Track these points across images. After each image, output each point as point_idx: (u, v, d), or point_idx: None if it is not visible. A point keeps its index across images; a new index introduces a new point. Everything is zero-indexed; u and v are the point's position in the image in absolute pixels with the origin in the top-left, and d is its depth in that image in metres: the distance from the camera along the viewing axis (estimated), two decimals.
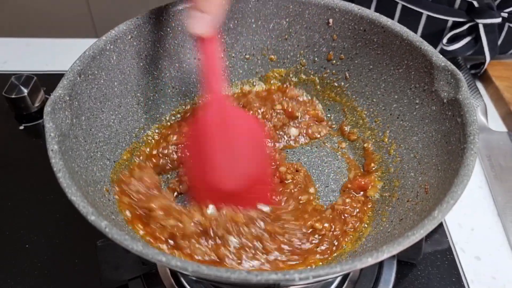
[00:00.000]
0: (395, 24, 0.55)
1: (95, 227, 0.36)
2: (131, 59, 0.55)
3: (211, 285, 0.54)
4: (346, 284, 0.56)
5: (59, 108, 0.44)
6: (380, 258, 0.35)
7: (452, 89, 0.49)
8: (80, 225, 0.60)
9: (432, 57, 0.51)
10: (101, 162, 0.50)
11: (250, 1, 0.60)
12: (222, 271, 0.33)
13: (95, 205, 0.40)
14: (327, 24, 0.60)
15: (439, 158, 0.49)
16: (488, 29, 0.80)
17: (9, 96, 0.74)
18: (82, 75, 0.48)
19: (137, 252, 0.35)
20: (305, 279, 0.33)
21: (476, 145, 0.43)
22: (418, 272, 0.59)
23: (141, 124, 0.59)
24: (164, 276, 0.55)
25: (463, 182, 0.40)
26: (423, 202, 0.47)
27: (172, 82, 0.61)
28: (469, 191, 0.69)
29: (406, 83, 0.56)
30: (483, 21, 0.79)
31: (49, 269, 0.58)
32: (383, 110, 0.59)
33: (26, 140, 0.75)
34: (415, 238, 0.36)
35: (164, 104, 0.62)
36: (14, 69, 0.86)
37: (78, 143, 0.46)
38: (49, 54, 0.91)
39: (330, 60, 0.62)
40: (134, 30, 0.54)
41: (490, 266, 0.60)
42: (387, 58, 0.57)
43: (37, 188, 0.67)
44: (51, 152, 0.40)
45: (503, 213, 0.66)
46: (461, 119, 0.46)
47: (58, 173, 0.39)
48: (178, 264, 0.34)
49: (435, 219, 0.38)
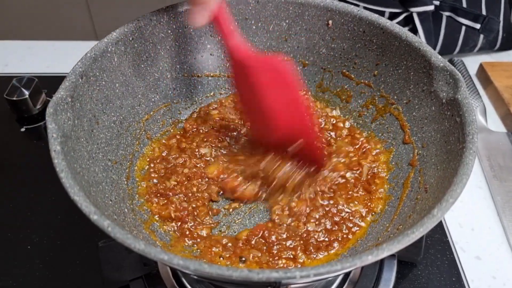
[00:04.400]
0: (394, 25, 0.56)
1: (98, 226, 0.36)
2: (132, 60, 0.56)
3: (213, 285, 0.54)
4: (347, 284, 0.56)
5: (61, 110, 0.44)
6: (380, 256, 0.35)
7: (451, 89, 0.49)
8: (81, 226, 0.61)
9: (431, 57, 0.51)
10: (103, 163, 0.50)
11: (250, 3, 0.61)
12: (224, 269, 0.33)
13: (97, 205, 0.41)
14: (326, 26, 0.61)
15: (438, 158, 0.49)
16: (423, 18, 0.82)
17: (11, 99, 0.74)
18: (83, 76, 0.49)
19: (139, 251, 0.35)
20: (306, 277, 0.33)
21: (475, 145, 0.43)
22: (418, 272, 0.59)
23: (142, 125, 0.59)
24: (165, 277, 0.56)
25: (462, 181, 0.41)
26: (423, 201, 0.47)
27: (173, 83, 0.62)
28: (469, 191, 0.69)
29: (405, 83, 0.56)
30: (417, 9, 0.80)
31: (51, 270, 0.58)
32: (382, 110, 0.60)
33: (27, 142, 0.76)
34: (415, 236, 0.37)
35: (165, 106, 0.62)
36: (15, 72, 0.86)
37: (80, 144, 0.47)
38: (50, 56, 0.91)
39: (331, 61, 0.63)
40: (135, 32, 0.55)
41: (490, 266, 0.61)
42: (386, 59, 0.58)
43: (38, 190, 0.67)
44: (53, 152, 0.41)
45: (503, 213, 0.66)
46: (460, 118, 0.47)
47: (60, 173, 0.39)
48: (180, 262, 0.34)
49: (434, 217, 0.38)
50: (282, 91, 0.51)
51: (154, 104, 0.60)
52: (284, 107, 0.51)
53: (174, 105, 0.63)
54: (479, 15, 0.81)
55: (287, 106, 0.51)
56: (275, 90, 0.51)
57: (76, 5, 1.44)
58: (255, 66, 0.51)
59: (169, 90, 0.62)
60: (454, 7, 0.81)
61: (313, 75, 0.65)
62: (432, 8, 0.80)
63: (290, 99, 0.51)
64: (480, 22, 0.81)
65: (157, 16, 0.56)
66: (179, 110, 0.63)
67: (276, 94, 0.51)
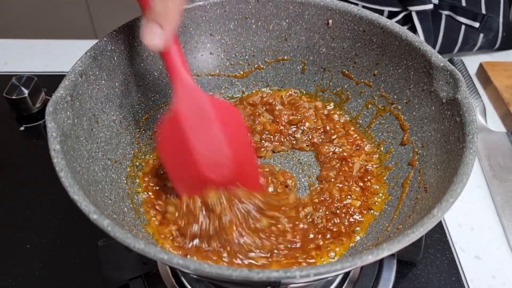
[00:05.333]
0: (394, 25, 0.56)
1: (97, 225, 0.36)
2: (132, 59, 0.56)
3: (212, 284, 0.54)
4: (346, 283, 0.56)
5: (61, 109, 0.44)
6: (380, 256, 0.35)
7: (451, 89, 0.49)
8: (81, 225, 0.61)
9: (431, 57, 0.51)
10: (103, 162, 0.50)
11: (250, 2, 0.60)
12: (224, 269, 0.33)
13: (96, 204, 0.41)
14: (326, 25, 0.61)
15: (438, 157, 0.49)
16: (422, 17, 0.82)
17: (10, 97, 0.74)
18: (83, 75, 0.49)
19: (139, 250, 0.35)
20: (306, 277, 0.33)
21: (475, 144, 0.43)
22: (418, 272, 0.59)
23: (142, 124, 0.59)
24: (165, 276, 0.56)
25: (462, 180, 0.41)
26: (423, 201, 0.47)
27: None
28: (469, 191, 0.69)
29: (405, 83, 0.56)
30: (415, 8, 0.80)
31: (50, 269, 0.58)
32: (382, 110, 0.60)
33: (26, 141, 0.76)
34: (415, 236, 0.37)
35: (165, 105, 0.62)
36: (15, 70, 0.86)
37: (80, 143, 0.47)
38: (49, 55, 0.91)
39: (330, 61, 0.63)
40: (135, 30, 0.54)
41: (490, 265, 0.61)
42: (386, 59, 0.58)
43: (37, 189, 0.67)
44: (53, 151, 0.40)
45: (502, 213, 0.66)
46: (460, 118, 0.47)
47: (60, 173, 0.39)
48: (180, 262, 0.34)
49: (434, 217, 0.38)
50: (231, 127, 0.50)
51: (154, 103, 0.60)
52: (234, 140, 0.51)
53: None
54: (478, 13, 0.81)
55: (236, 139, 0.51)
56: (225, 125, 0.50)
57: (75, 4, 1.44)
58: (210, 100, 0.49)
59: (169, 89, 0.61)
60: (453, 6, 0.81)
61: (313, 75, 0.65)
62: (431, 6, 0.80)
63: (239, 135, 0.51)
64: (479, 20, 0.81)
65: None
66: None
67: (227, 128, 0.50)
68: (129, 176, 0.54)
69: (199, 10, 0.60)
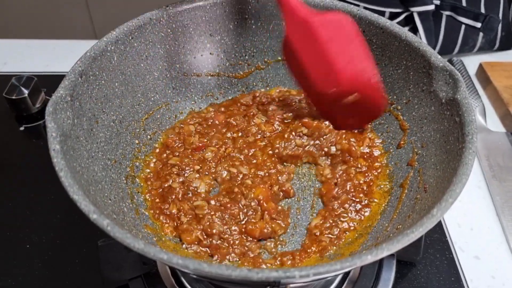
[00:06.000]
0: (394, 25, 0.56)
1: (97, 225, 0.36)
2: (132, 60, 0.56)
3: (212, 284, 0.55)
4: (346, 283, 0.56)
5: (61, 109, 0.44)
6: (379, 256, 0.35)
7: (451, 89, 0.49)
8: (80, 225, 0.61)
9: (430, 57, 0.51)
10: (102, 162, 0.50)
11: (250, 2, 0.61)
12: (223, 269, 0.33)
13: (96, 204, 0.41)
14: None
15: (438, 158, 0.49)
16: (423, 17, 0.82)
17: (10, 97, 0.74)
18: (83, 75, 0.49)
19: (139, 250, 0.35)
20: (305, 277, 0.33)
21: (474, 144, 0.43)
22: (417, 272, 0.59)
23: (142, 124, 0.59)
24: (164, 276, 0.56)
25: (461, 181, 0.41)
26: (422, 201, 0.47)
27: (172, 83, 0.62)
28: (468, 191, 0.69)
29: (405, 83, 0.56)
30: (417, 9, 0.81)
31: (50, 269, 0.58)
32: None
33: (26, 141, 0.76)
34: (414, 236, 0.37)
35: (165, 105, 0.62)
36: (15, 70, 0.86)
37: (80, 143, 0.47)
38: (49, 55, 0.91)
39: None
40: (134, 31, 0.55)
41: (489, 265, 0.61)
42: (386, 59, 0.58)
43: (37, 189, 0.67)
44: (53, 151, 0.40)
45: (502, 213, 0.66)
46: (460, 118, 0.47)
47: (60, 172, 0.39)
48: (180, 262, 0.34)
49: (434, 217, 0.38)
50: (346, 44, 0.53)
51: (153, 103, 0.60)
52: (348, 59, 0.53)
53: (174, 105, 0.63)
54: (479, 14, 0.81)
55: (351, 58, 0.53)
56: (339, 43, 0.53)
57: (75, 4, 1.44)
58: (319, 21, 0.52)
59: (169, 89, 0.62)
60: (455, 6, 0.81)
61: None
62: (432, 7, 0.80)
63: (355, 52, 0.53)
64: (481, 21, 0.81)
65: (156, 15, 0.56)
66: (179, 109, 0.63)
67: (340, 47, 0.53)
68: (129, 176, 0.54)
69: (199, 10, 0.60)
